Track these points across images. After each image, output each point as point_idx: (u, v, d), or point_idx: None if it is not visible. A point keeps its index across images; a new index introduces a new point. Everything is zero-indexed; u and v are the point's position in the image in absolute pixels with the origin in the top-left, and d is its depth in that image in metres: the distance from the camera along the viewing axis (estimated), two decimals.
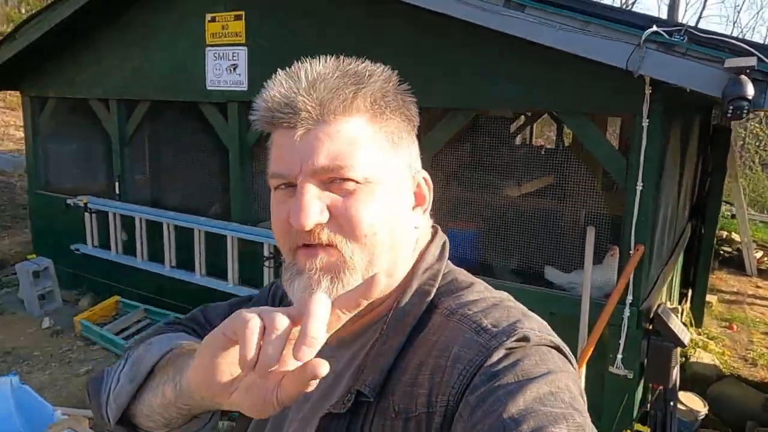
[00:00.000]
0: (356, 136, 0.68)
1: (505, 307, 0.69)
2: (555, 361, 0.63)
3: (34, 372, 4.15)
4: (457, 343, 0.65)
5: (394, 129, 0.73)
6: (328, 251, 0.68)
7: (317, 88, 0.67)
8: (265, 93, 0.69)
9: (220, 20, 4.14)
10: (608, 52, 2.59)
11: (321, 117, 0.67)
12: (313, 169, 0.67)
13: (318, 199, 0.67)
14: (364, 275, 0.69)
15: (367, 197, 0.68)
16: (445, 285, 0.75)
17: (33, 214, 5.99)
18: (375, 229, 0.68)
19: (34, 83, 5.51)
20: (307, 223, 0.66)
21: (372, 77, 0.70)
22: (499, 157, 4.34)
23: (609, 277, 3.33)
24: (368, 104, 0.70)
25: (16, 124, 10.67)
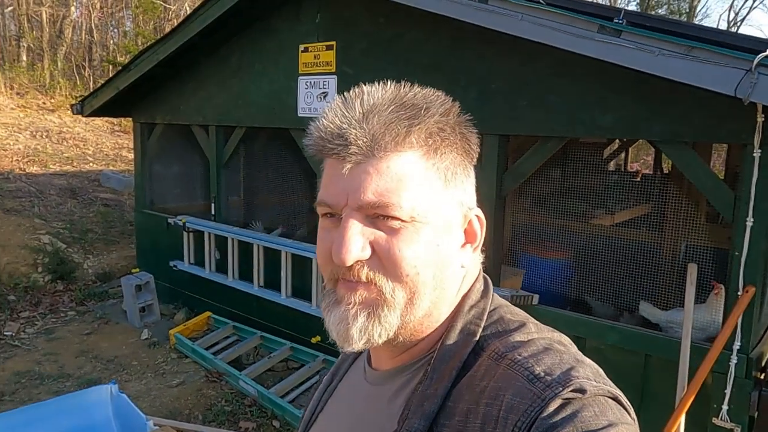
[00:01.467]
0: (406, 172, 0.66)
1: (557, 352, 0.65)
2: (614, 413, 0.60)
3: (131, 381, 4.42)
4: (509, 392, 0.61)
5: (449, 164, 0.70)
6: (367, 287, 0.67)
7: (370, 121, 0.66)
8: (320, 121, 0.69)
9: (312, 50, 4.30)
10: (715, 77, 2.41)
11: (371, 151, 0.66)
12: (359, 203, 0.66)
13: (361, 235, 0.66)
14: (404, 314, 0.68)
15: (411, 237, 0.66)
16: (492, 324, 0.72)
17: (138, 231, 6.45)
18: (418, 270, 0.67)
19: (144, 110, 5.97)
20: (348, 259, 0.65)
21: (429, 110, 0.68)
22: (590, 184, 4.16)
23: (712, 318, 3.07)
24: (422, 140, 0.68)
25: (127, 147, 11.62)
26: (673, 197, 3.92)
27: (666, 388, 2.88)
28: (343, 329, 0.68)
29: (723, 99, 2.43)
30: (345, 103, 0.68)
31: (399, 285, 0.67)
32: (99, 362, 4.72)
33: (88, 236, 7.36)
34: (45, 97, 12.93)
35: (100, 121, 12.70)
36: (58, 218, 7.50)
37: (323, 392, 0.88)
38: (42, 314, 5.67)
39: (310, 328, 4.47)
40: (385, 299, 0.67)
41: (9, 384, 4.31)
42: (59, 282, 6.27)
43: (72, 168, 9.82)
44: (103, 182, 9.30)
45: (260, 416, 3.93)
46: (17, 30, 15.74)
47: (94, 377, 4.41)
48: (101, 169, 10.01)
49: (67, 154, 10.39)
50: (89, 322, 5.54)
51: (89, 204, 8.29)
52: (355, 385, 0.83)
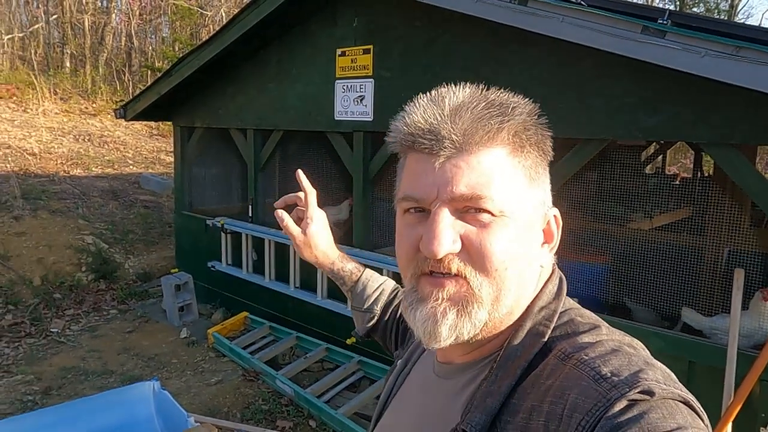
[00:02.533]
0: (496, 168, 0.68)
1: (626, 354, 0.64)
2: (684, 416, 0.57)
3: (172, 378, 4.52)
4: (574, 391, 0.61)
5: (532, 164, 0.72)
6: (456, 282, 0.67)
7: (462, 117, 0.67)
8: (407, 117, 0.70)
9: (349, 54, 4.34)
10: (761, 78, 2.35)
11: (463, 146, 0.67)
12: (451, 196, 0.66)
13: (452, 227, 0.67)
14: (491, 311, 0.68)
15: (501, 231, 0.67)
16: (562, 326, 0.71)
17: (177, 233, 6.60)
18: (506, 264, 0.67)
19: (184, 114, 6.11)
20: (440, 251, 0.65)
21: (516, 109, 0.69)
22: (628, 187, 4.09)
23: (759, 325, 2.99)
24: (511, 137, 0.69)
25: (166, 150, 11.91)
26: (716, 200, 3.83)
27: (711, 396, 2.82)
28: (431, 327, 0.68)
29: None
30: (432, 100, 0.70)
31: (487, 280, 0.67)
32: (140, 359, 4.85)
33: (129, 237, 7.56)
34: (87, 102, 13.35)
35: (139, 126, 13.05)
36: (100, 219, 7.73)
37: (397, 377, 0.90)
38: (86, 312, 5.85)
39: (345, 329, 4.50)
40: (474, 295, 0.67)
41: (56, 379, 4.46)
42: (102, 281, 6.46)
43: (113, 171, 10.11)
44: (142, 185, 9.55)
45: (297, 415, 3.98)
46: (61, 37, 16.30)
47: (136, 374, 4.53)
48: (141, 172, 10.28)
49: (109, 158, 10.70)
50: (130, 321, 5.70)
51: (130, 206, 8.52)
52: (424, 375, 0.84)
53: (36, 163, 9.33)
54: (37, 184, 8.16)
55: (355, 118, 4.35)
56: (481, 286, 0.67)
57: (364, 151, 4.37)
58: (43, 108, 12.02)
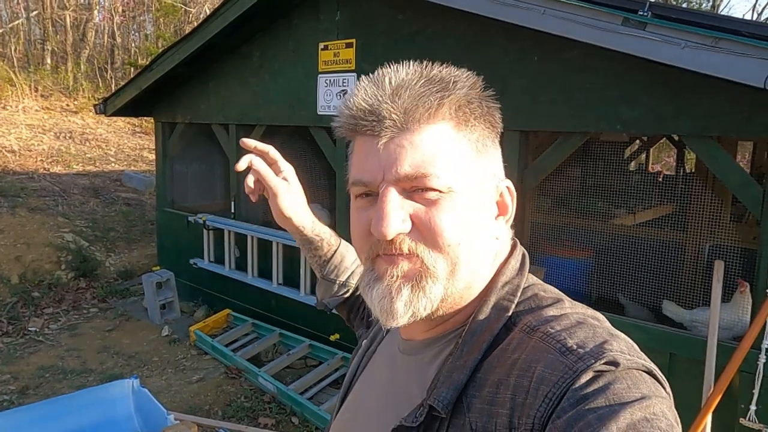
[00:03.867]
0: (440, 144, 0.67)
1: (591, 326, 0.65)
2: (648, 386, 0.59)
3: (152, 376, 4.46)
4: (541, 363, 0.61)
5: (479, 136, 0.71)
6: (409, 259, 0.67)
7: (401, 96, 0.66)
8: (349, 100, 0.69)
9: (332, 48, 4.31)
10: (742, 70, 2.36)
11: (405, 125, 0.66)
12: (396, 177, 0.66)
13: (400, 208, 0.66)
14: (446, 285, 0.68)
15: (450, 207, 0.67)
16: (526, 300, 0.71)
17: (159, 230, 6.52)
18: (458, 239, 0.67)
19: (165, 110, 6.04)
20: (389, 232, 0.65)
21: (458, 83, 0.68)
22: (611, 183, 4.11)
23: (739, 317, 3.01)
24: (453, 111, 0.68)
25: (148, 147, 11.77)
26: (697, 196, 3.86)
27: (691, 388, 2.83)
28: (387, 304, 0.67)
29: (752, 92, 2.38)
30: (374, 81, 0.69)
31: (441, 255, 0.67)
32: (120, 358, 4.78)
33: (110, 235, 7.46)
34: (68, 99, 13.15)
35: (122, 123, 12.89)
36: (81, 217, 7.61)
37: (362, 357, 0.90)
38: (65, 311, 5.76)
39: (328, 326, 4.48)
40: (428, 270, 0.67)
41: (33, 378, 4.38)
42: (82, 279, 6.37)
43: (94, 168, 9.97)
44: (125, 182, 9.43)
45: (279, 412, 3.94)
46: (42, 33, 16.04)
47: (116, 372, 4.46)
48: (123, 170, 10.15)
49: (90, 155, 10.55)
50: (111, 319, 5.62)
51: (111, 203, 8.40)
52: (390, 353, 0.83)
53: (15, 160, 9.18)
54: (15, 182, 8.02)
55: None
56: (435, 262, 0.67)
57: (347, 145, 4.33)
58: (23, 105, 11.82)
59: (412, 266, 0.67)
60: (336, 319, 4.92)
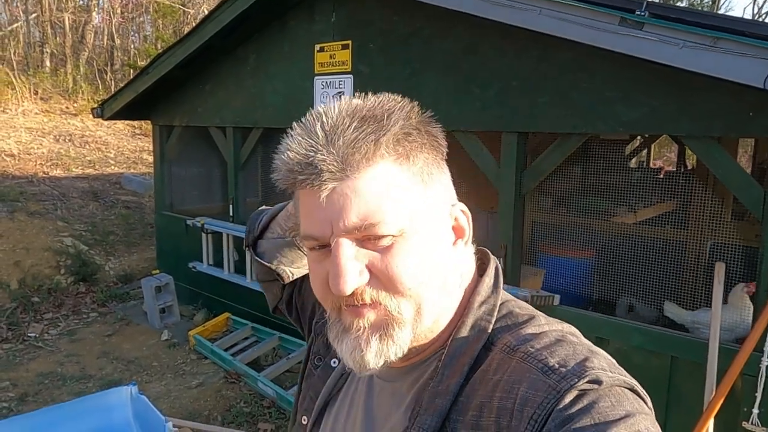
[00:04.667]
0: (384, 186, 0.64)
1: (570, 343, 0.64)
2: (631, 402, 0.59)
3: (152, 382, 4.44)
4: (523, 384, 0.61)
5: (422, 165, 0.68)
6: (374, 308, 0.66)
7: (335, 143, 0.63)
8: (284, 153, 0.66)
9: (328, 50, 4.28)
10: (742, 70, 2.32)
11: (344, 173, 0.63)
12: (345, 229, 0.64)
13: (355, 260, 0.64)
14: (414, 327, 0.67)
15: (405, 250, 0.65)
16: (502, 318, 0.71)
17: (158, 233, 6.50)
18: (418, 281, 0.65)
19: (163, 112, 6.01)
20: (347, 289, 0.63)
21: (392, 117, 0.65)
22: (611, 181, 4.07)
23: (742, 319, 2.97)
24: (391, 149, 0.65)
25: (148, 150, 11.74)
26: (698, 194, 3.82)
27: (693, 391, 2.80)
28: (358, 357, 0.67)
29: (752, 91, 2.35)
30: (305, 130, 0.66)
31: (404, 299, 0.66)
32: (120, 363, 4.77)
33: (110, 238, 7.44)
34: (68, 101, 13.14)
35: (122, 125, 12.87)
36: (80, 221, 7.60)
37: (338, 378, 0.87)
38: (65, 315, 5.74)
39: None
40: (393, 317, 0.66)
41: (33, 385, 4.37)
42: (81, 284, 6.35)
43: (94, 171, 9.96)
44: (124, 185, 9.41)
45: (279, 417, 3.92)
46: (41, 36, 16.03)
47: (115, 378, 4.45)
48: (122, 172, 10.14)
49: (90, 158, 10.54)
50: (111, 323, 5.60)
51: (111, 207, 8.39)
52: (366, 379, 0.82)
53: (14, 164, 9.16)
54: (14, 186, 8.00)
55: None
56: (399, 306, 0.66)
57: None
58: (22, 108, 11.81)
59: (378, 315, 0.66)
60: None
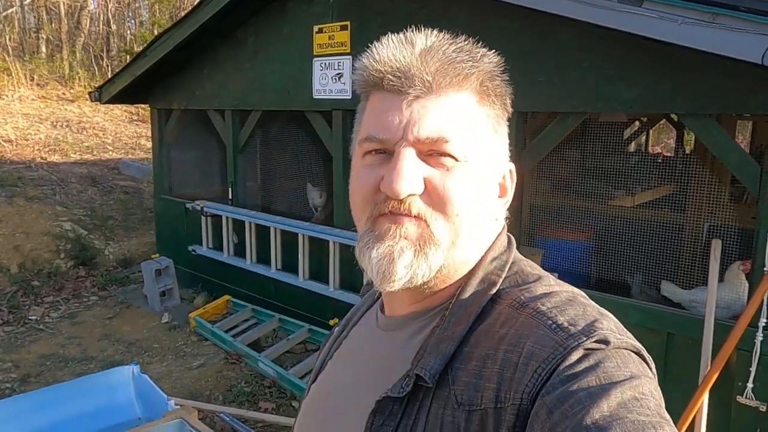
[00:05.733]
0: (463, 112, 0.66)
1: (581, 304, 0.64)
2: (637, 365, 0.59)
3: (153, 363, 4.48)
4: (530, 339, 0.60)
5: (498, 112, 0.71)
6: (416, 222, 0.66)
7: (433, 57, 0.65)
8: (376, 54, 0.67)
9: (327, 31, 4.26)
10: (740, 46, 2.33)
11: (433, 86, 0.65)
12: (417, 137, 0.65)
13: (416, 168, 0.65)
14: (447, 256, 0.67)
15: (464, 176, 0.66)
16: (512, 276, 0.71)
17: (157, 217, 6.51)
18: (466, 209, 0.66)
19: (161, 96, 5.99)
20: (403, 191, 0.64)
21: (485, 58, 0.69)
22: (610, 164, 4.08)
23: (737, 296, 3.00)
24: (478, 84, 0.68)
25: (146, 135, 11.71)
26: (696, 176, 3.83)
27: (689, 367, 2.83)
28: (385, 265, 0.65)
29: (751, 69, 2.35)
30: (402, 40, 0.68)
31: (447, 224, 0.66)
32: (121, 345, 4.80)
33: (109, 223, 7.45)
34: (65, 87, 13.07)
35: (119, 111, 12.82)
36: (79, 206, 7.60)
37: (333, 342, 0.88)
38: (65, 299, 5.77)
39: (327, 310, 4.48)
40: (432, 236, 0.66)
41: (35, 366, 4.40)
42: (81, 268, 6.37)
43: (92, 157, 9.94)
44: (122, 170, 9.40)
45: (279, 397, 3.96)
46: (36, 22, 15.92)
47: (117, 359, 4.48)
48: (120, 158, 10.12)
49: (87, 144, 10.51)
50: (111, 307, 5.63)
51: (109, 192, 8.38)
52: (366, 332, 0.82)
53: (12, 150, 9.13)
54: (12, 171, 7.99)
55: (334, 96, 4.28)
56: (441, 229, 0.66)
57: (344, 129, 4.31)
58: (19, 94, 11.75)
59: (418, 230, 0.65)
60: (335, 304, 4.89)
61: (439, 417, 0.62)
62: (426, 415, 0.63)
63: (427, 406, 0.64)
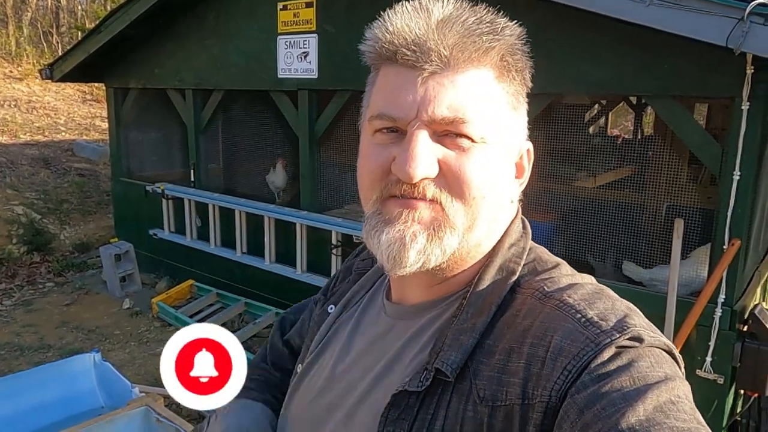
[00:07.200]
0: (481, 89, 0.63)
1: (609, 298, 0.62)
2: (670, 365, 0.57)
3: (115, 350, 4.36)
4: (558, 333, 0.58)
5: (515, 91, 0.67)
6: (430, 206, 0.62)
7: (451, 29, 0.61)
8: (389, 23, 0.63)
9: (291, 8, 4.15)
10: (705, 27, 2.37)
11: (450, 62, 0.61)
12: (432, 117, 0.61)
13: (430, 150, 0.61)
14: (462, 240, 0.63)
15: (480, 158, 0.63)
16: (529, 263, 0.69)
17: (115, 201, 6.30)
18: (483, 192, 0.63)
19: (117, 75, 5.76)
20: (417, 174, 0.60)
21: (506, 30, 0.64)
22: (573, 146, 4.14)
23: (697, 273, 3.10)
24: (498, 59, 0.64)
25: (101, 116, 11.28)
26: (655, 158, 3.92)
27: None
28: (397, 250, 0.62)
29: (713, 51, 2.40)
30: (417, 9, 0.62)
31: (463, 207, 0.63)
32: (80, 332, 4.65)
33: (64, 207, 7.17)
34: (11, 65, 12.43)
35: (71, 90, 12.30)
36: (31, 189, 7.28)
37: (331, 324, 0.81)
38: (19, 286, 5.54)
39: (294, 293, 4.43)
40: (448, 220, 0.62)
41: None
42: (35, 253, 6.12)
43: (43, 138, 9.52)
44: (76, 152, 9.04)
45: None
46: None
47: (76, 347, 4.34)
48: (74, 139, 9.72)
49: (38, 124, 10.06)
50: (68, 293, 5.44)
51: (63, 174, 8.06)
52: (372, 319, 0.77)
53: None
54: None
55: (300, 76, 4.19)
56: (456, 212, 0.63)
57: (310, 110, 4.23)
58: None
59: (432, 214, 0.62)
60: (302, 287, 4.81)
61: (460, 412, 0.60)
62: (445, 410, 0.60)
63: (447, 401, 0.61)
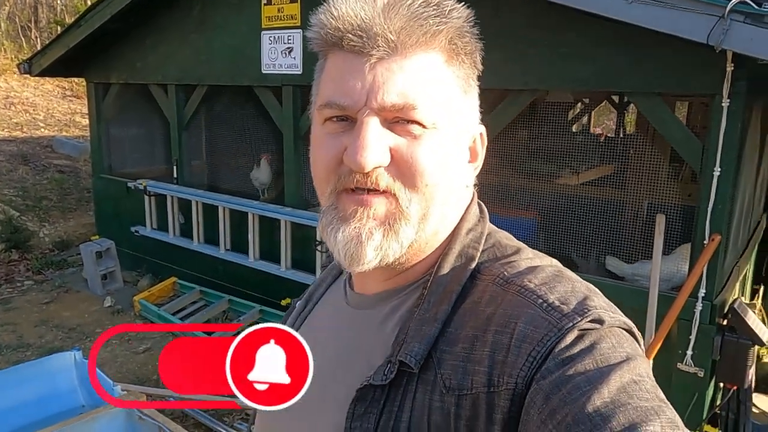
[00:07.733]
0: (431, 74, 0.61)
1: (568, 279, 0.62)
2: (630, 344, 0.57)
3: None
4: (521, 320, 0.57)
5: (465, 75, 0.66)
6: (384, 199, 0.61)
7: (397, 13, 0.59)
8: (334, 9, 0.60)
9: (276, 3, 4.12)
10: (687, 25, 2.40)
11: (397, 46, 0.59)
12: (381, 104, 0.59)
13: (381, 138, 0.60)
14: (418, 230, 0.63)
15: (432, 143, 0.62)
16: (489, 249, 0.68)
17: (96, 197, 6.21)
18: (436, 179, 0.62)
19: (98, 69, 5.67)
20: (368, 163, 0.59)
21: (453, 12, 0.63)
22: (556, 144, 4.17)
23: (677, 268, 3.15)
24: (447, 42, 0.62)
25: (81, 112, 11.11)
26: (636, 156, 3.97)
27: None
28: (353, 248, 0.61)
29: (695, 49, 2.43)
30: None
31: (416, 196, 0.62)
32: (60, 331, 4.58)
33: (43, 204, 7.06)
34: None
35: (51, 86, 12.09)
36: (9, 185, 7.15)
37: (296, 318, 0.81)
38: None
39: (279, 290, 4.41)
40: (402, 212, 0.62)
41: None
42: (14, 251, 6.01)
43: (22, 134, 9.35)
44: (56, 148, 8.89)
45: None
46: None
47: (56, 346, 4.28)
48: (54, 135, 9.57)
49: (16, 120, 9.88)
50: (48, 291, 5.35)
51: (42, 171, 7.93)
52: (334, 310, 0.76)
53: None
54: None
55: (284, 71, 4.16)
56: (410, 202, 0.62)
57: (294, 105, 4.21)
58: None
59: (387, 208, 0.61)
60: (287, 284, 4.80)
61: (427, 403, 0.59)
62: (412, 402, 0.60)
63: (413, 392, 0.60)
